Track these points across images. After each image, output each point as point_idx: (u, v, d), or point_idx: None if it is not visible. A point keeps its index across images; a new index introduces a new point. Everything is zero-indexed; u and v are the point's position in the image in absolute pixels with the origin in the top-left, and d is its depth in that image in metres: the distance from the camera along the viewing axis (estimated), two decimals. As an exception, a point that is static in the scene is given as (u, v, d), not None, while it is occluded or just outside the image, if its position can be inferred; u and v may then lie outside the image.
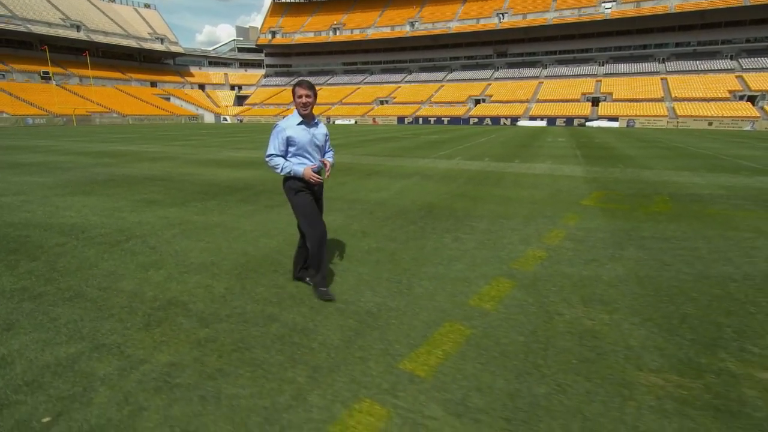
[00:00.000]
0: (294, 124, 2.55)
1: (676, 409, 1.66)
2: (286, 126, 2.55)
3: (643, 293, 2.72)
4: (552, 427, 1.56)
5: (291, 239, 3.85)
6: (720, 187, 6.71)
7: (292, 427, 1.56)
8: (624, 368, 1.92)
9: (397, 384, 1.81)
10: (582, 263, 3.24)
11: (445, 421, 1.59)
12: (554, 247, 3.65)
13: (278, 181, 7.24)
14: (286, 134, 2.52)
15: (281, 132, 2.53)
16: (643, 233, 4.07)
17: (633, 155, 12.11)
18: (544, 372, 1.89)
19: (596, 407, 1.67)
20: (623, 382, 1.82)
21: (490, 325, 2.31)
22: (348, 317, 2.40)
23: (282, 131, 2.53)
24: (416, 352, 2.05)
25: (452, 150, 13.58)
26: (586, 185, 6.92)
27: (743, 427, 1.57)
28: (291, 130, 2.54)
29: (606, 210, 5.09)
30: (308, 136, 2.57)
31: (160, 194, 5.94)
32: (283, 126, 2.55)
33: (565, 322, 2.34)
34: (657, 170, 8.85)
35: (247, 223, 4.44)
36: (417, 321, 2.35)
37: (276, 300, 2.62)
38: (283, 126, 2.55)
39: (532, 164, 9.79)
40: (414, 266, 3.15)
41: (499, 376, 1.86)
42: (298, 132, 2.54)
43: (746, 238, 3.93)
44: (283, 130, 2.53)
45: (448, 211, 4.98)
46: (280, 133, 2.53)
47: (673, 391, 1.77)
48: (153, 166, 9.37)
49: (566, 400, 1.71)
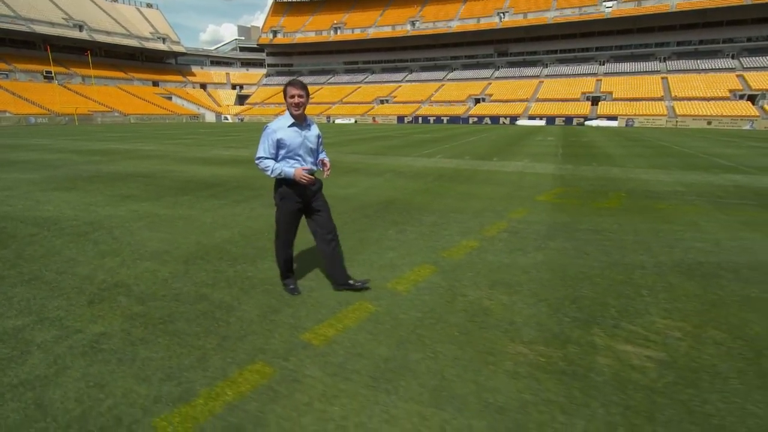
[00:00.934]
0: (285, 126, 2.43)
1: (528, 372, 1.90)
2: (276, 128, 2.43)
3: (549, 278, 2.95)
4: (410, 385, 1.80)
5: (246, 231, 4.12)
6: (681, 185, 6.90)
7: (188, 382, 1.82)
8: (498, 340, 2.16)
9: (291, 350, 2.06)
10: (506, 252, 3.47)
11: (319, 379, 1.84)
12: (489, 238, 3.88)
13: (254, 178, 7.64)
14: (277, 136, 2.41)
15: (271, 134, 2.41)
16: (580, 226, 4.29)
17: (612, 154, 12.29)
18: (425, 342, 2.14)
19: (456, 370, 1.91)
20: (491, 351, 2.06)
21: (395, 303, 2.55)
22: (272, 297, 2.65)
23: (272, 133, 2.41)
24: (320, 325, 2.30)
25: (437, 149, 13.81)
26: (551, 182, 7.14)
27: (580, 387, 1.80)
28: (282, 132, 2.42)
29: (556, 205, 5.31)
30: (300, 139, 2.45)
31: (137, 190, 6.23)
32: (274, 128, 2.43)
33: (465, 302, 2.58)
34: (628, 168, 9.04)
35: (210, 216, 4.70)
36: (332, 300, 2.60)
37: (212, 282, 2.88)
38: (273, 128, 2.43)
39: (508, 162, 10.00)
40: (350, 254, 3.40)
41: (383, 344, 2.11)
42: (289, 134, 2.43)
43: (677, 231, 4.15)
44: (274, 132, 2.41)
45: (405, 206, 5.22)
46: (270, 135, 2.42)
47: (533, 359, 2.00)
48: (140, 163, 9.67)
49: (433, 364, 1.95)
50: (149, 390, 1.77)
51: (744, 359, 2.01)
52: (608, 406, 1.68)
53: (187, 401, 1.70)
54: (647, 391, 1.76)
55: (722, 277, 3.00)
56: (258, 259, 3.30)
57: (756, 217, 4.76)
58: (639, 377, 1.86)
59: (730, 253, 3.51)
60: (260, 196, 5.84)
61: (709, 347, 2.11)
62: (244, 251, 3.50)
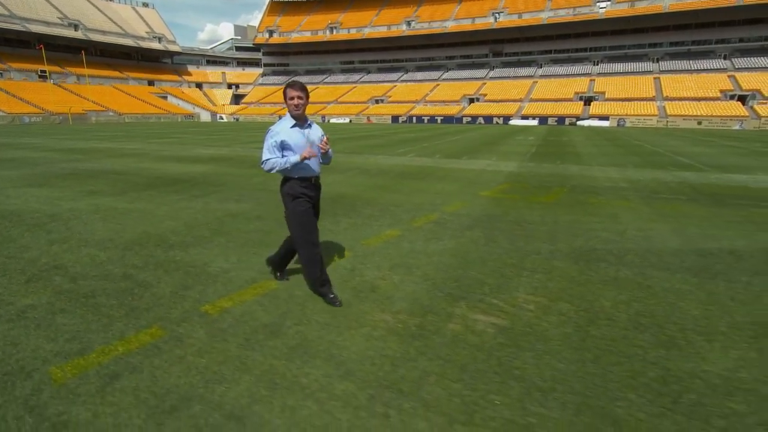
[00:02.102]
0: (288, 128, 2.48)
1: (381, 335, 2.22)
2: (279, 130, 2.47)
3: (448, 262, 3.28)
4: (275, 344, 2.13)
5: (192, 222, 4.45)
6: (627, 181, 7.24)
7: (89, 341, 2.14)
8: (370, 311, 2.49)
9: (187, 318, 2.38)
10: (422, 240, 3.80)
11: (199, 339, 2.16)
12: (414, 228, 4.21)
13: (222, 175, 7.95)
14: (280, 138, 2.45)
15: (275, 136, 2.46)
16: (506, 218, 4.62)
17: (582, 152, 12.64)
18: (306, 312, 2.46)
19: (320, 333, 2.24)
20: (359, 319, 2.39)
21: (296, 283, 2.88)
22: (189, 277, 2.98)
23: (275, 135, 2.46)
24: (221, 299, 2.62)
25: (415, 147, 14.15)
26: (504, 178, 7.47)
27: (418, 346, 2.12)
28: (285, 133, 2.46)
29: (495, 199, 5.64)
30: (303, 139, 2.50)
31: (105, 186, 6.55)
32: (277, 130, 2.47)
33: (359, 281, 2.91)
34: (587, 166, 9.39)
35: (165, 209, 5.02)
36: (241, 280, 2.93)
37: (141, 265, 3.19)
38: (276, 130, 2.48)
39: (475, 160, 10.34)
40: (277, 241, 3.72)
41: (269, 314, 2.44)
42: (291, 135, 2.47)
43: (593, 222, 4.48)
44: (277, 134, 2.46)
45: (352, 201, 5.55)
46: (273, 137, 2.46)
47: (392, 325, 2.33)
48: (117, 161, 9.98)
49: (303, 329, 2.28)
50: (54, 347, 2.09)
51: (576, 326, 2.33)
52: (433, 359, 2.00)
53: (82, 355, 2.02)
54: (472, 349, 2.09)
55: (605, 261, 3.33)
56: (191, 246, 3.62)
57: (677, 210, 5.10)
58: (474, 339, 2.19)
59: (629, 242, 3.84)
60: (219, 191, 6.17)
61: (551, 317, 2.43)
62: (182, 239, 3.82)
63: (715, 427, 1.58)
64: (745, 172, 8.65)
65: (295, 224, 2.53)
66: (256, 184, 6.82)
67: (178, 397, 1.72)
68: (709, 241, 3.87)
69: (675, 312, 2.50)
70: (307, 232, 2.53)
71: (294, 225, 2.54)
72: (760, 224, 4.52)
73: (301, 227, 2.52)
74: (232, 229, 4.16)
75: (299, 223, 2.52)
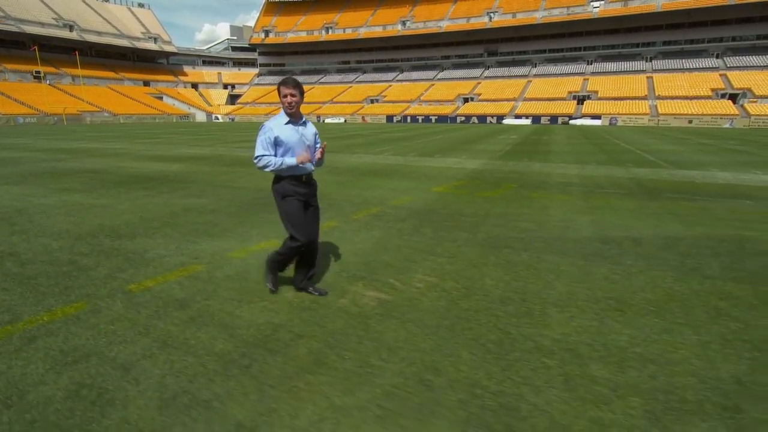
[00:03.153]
0: (281, 124, 2.48)
1: (276, 307, 2.55)
2: (273, 126, 2.48)
3: (365, 249, 3.61)
4: (179, 315, 2.46)
5: (148, 215, 4.78)
6: (580, 177, 7.59)
7: (20, 313, 2.47)
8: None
9: (112, 295, 2.71)
10: (353, 231, 4.14)
11: (116, 311, 2.50)
12: (352, 220, 4.55)
13: (195, 173, 8.29)
14: (274, 134, 2.45)
15: (268, 132, 2.46)
16: (442, 211, 4.96)
17: (554, 150, 13.01)
18: (218, 291, 2.79)
19: (222, 306, 2.57)
20: (263, 296, 2.72)
21: (219, 266, 3.21)
22: (126, 261, 3.31)
23: (269, 131, 2.46)
24: (147, 279, 2.95)
25: (394, 146, 14.49)
26: (462, 175, 7.82)
27: (303, 316, 2.45)
28: (278, 129, 2.47)
29: (442, 194, 5.99)
30: (297, 136, 2.50)
31: (78, 184, 6.88)
32: (270, 126, 2.48)
33: (278, 265, 3.23)
34: (549, 163, 9.75)
35: (127, 204, 5.35)
36: (171, 264, 3.25)
37: (87, 252, 3.52)
38: (270, 126, 2.48)
39: (445, 158, 10.70)
40: (222, 232, 4.05)
41: (183, 291, 2.77)
42: (285, 132, 2.47)
43: (521, 214, 4.82)
44: (270, 130, 2.46)
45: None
46: (267, 133, 2.46)
47: (290, 300, 2.66)
48: (98, 160, 10.32)
49: (211, 302, 2.61)
50: (-12, 318, 2.42)
51: (449, 300, 2.66)
52: (310, 326, 2.33)
53: (11, 323, 2.35)
54: (348, 318, 2.42)
55: (510, 247, 3.66)
56: (138, 236, 3.95)
57: (608, 203, 5.43)
58: (354, 310, 2.52)
59: (544, 231, 4.17)
60: (186, 188, 6.50)
61: (433, 293, 2.76)
62: (133, 231, 4.15)
63: (521, 377, 1.91)
64: (700, 168, 9.00)
65: (287, 224, 2.56)
66: (223, 181, 7.15)
67: (81, 354, 2.05)
68: (619, 230, 4.20)
69: (545, 289, 2.83)
70: (295, 230, 2.53)
71: (286, 224, 2.57)
72: (679, 215, 4.85)
73: (292, 226, 2.54)
74: (183, 221, 4.49)
75: (287, 221, 2.55)
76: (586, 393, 1.77)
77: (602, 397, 1.75)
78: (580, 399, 1.74)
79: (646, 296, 2.70)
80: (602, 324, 2.39)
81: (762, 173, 8.25)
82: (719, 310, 2.53)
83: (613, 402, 1.72)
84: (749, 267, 3.21)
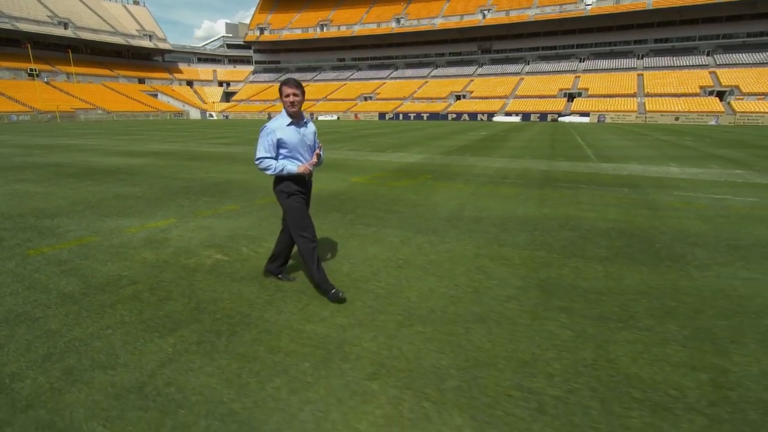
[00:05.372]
0: (284, 125, 2.49)
1: (130, 266, 3.24)
2: (275, 127, 2.48)
3: (240, 226, 4.29)
4: (51, 269, 3.14)
5: (79, 201, 5.48)
6: (497, 170, 8.31)
7: (-70, 268, 3.16)
8: (144, 253, 3.50)
9: (11, 257, 3.41)
10: (246, 213, 4.83)
11: (7, 267, 3.18)
12: (252, 204, 5.25)
13: (150, 166, 8.99)
14: (277, 136, 2.47)
15: (271, 134, 2.47)
16: (342, 197, 5.68)
17: (508, 146, 13.69)
18: (97, 256, 3.47)
19: (89, 264, 3.26)
20: (130, 258, 3.41)
21: (111, 237, 3.92)
22: (37, 235, 4.01)
23: (272, 133, 2.47)
24: (46, 246, 3.65)
25: (359, 143, 15.22)
26: (395, 168, 8.51)
27: (148, 271, 3.13)
28: (281, 131, 2.48)
29: (357, 183, 6.71)
30: (298, 137, 2.52)
31: (36, 176, 7.59)
32: (273, 128, 2.48)
33: (160, 236, 3.94)
34: (486, 158, 10.43)
35: (67, 192, 6.06)
36: (73, 236, 3.95)
37: (10, 228, 4.24)
38: (272, 127, 2.48)
39: (394, 153, 11.42)
40: (136, 213, 4.74)
41: (69, 254, 3.46)
42: (288, 133, 2.49)
43: (408, 198, 5.51)
44: (273, 131, 2.47)
45: (230, 185, 6.62)
46: (269, 134, 2.47)
47: (149, 261, 3.34)
48: (68, 155, 11.05)
49: (82, 262, 3.30)
50: None
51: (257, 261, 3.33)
52: (147, 276, 3.02)
53: None
54: (181, 271, 3.11)
55: (365, 224, 4.34)
56: (60, 216, 4.66)
57: (493, 191, 6.09)
58: (192, 265, 3.21)
59: (410, 212, 4.83)
60: (131, 179, 7.20)
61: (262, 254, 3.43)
62: (58, 212, 4.86)
63: (277, 300, 2.58)
64: (623, 161, 9.67)
65: (291, 220, 2.62)
66: (169, 173, 7.84)
67: (-38, 292, 2.74)
68: (473, 212, 4.88)
69: (358, 252, 3.50)
70: (303, 228, 2.60)
71: (291, 221, 2.62)
72: (544, 200, 5.51)
73: (296, 225, 2.60)
74: (105, 205, 5.19)
75: (295, 219, 2.60)
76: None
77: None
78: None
79: (429, 258, 3.39)
80: (378, 274, 3.06)
81: (674, 166, 8.91)
82: (482, 268, 3.20)
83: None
84: (549, 240, 3.88)
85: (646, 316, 2.42)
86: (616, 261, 3.30)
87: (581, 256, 3.40)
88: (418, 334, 2.23)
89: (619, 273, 3.05)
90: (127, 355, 2.03)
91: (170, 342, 2.15)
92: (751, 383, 1.83)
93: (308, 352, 2.05)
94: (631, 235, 4.01)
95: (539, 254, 3.45)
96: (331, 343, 2.13)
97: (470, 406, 1.68)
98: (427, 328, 2.29)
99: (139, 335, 2.22)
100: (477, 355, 2.04)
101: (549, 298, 2.63)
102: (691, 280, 2.94)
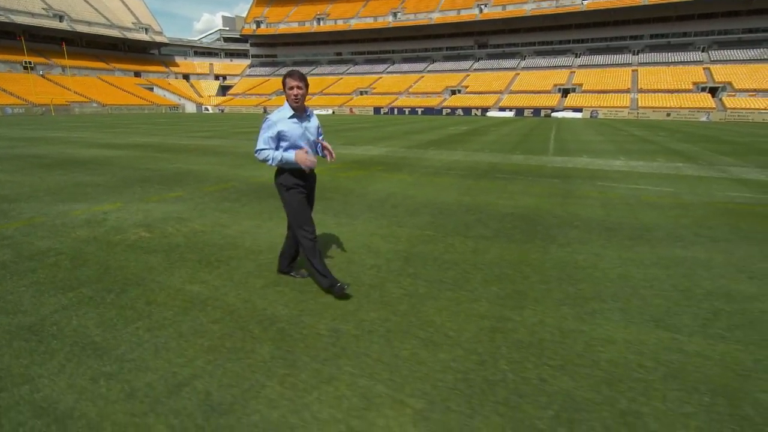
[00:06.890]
0: (286, 118, 2.48)
1: (71, 244, 3.69)
2: (277, 119, 2.47)
3: (179, 209, 4.73)
4: (35, 266, 3.59)
5: (42, 187, 5.91)
6: (452, 162, 8.75)
7: None
8: (83, 232, 3.94)
9: None
10: (189, 198, 5.27)
11: None
12: (198, 191, 5.69)
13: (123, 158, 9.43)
14: (278, 128, 2.46)
15: (272, 126, 2.46)
16: (282, 186, 6.05)
17: (478, 140, 14.09)
18: (38, 229, 3.93)
19: (33, 241, 3.69)
20: (66, 235, 3.85)
21: (58, 218, 4.36)
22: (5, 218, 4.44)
23: (273, 125, 2.46)
24: (6, 225, 4.09)
25: (337, 137, 15.63)
26: (350, 160, 8.94)
27: (89, 248, 3.57)
28: (282, 123, 2.47)
29: (304, 175, 7.06)
30: (300, 130, 2.51)
31: (11, 166, 8.04)
32: (274, 120, 2.47)
33: (101, 217, 4.39)
34: (447, 151, 10.85)
35: (34, 180, 6.52)
36: (24, 216, 4.40)
37: (-33, 210, 4.67)
38: (274, 120, 2.47)
39: (365, 146, 11.88)
40: (82, 198, 5.20)
41: (17, 233, 3.89)
42: (289, 126, 2.48)
43: (348, 185, 5.96)
44: (274, 124, 2.46)
45: (188, 174, 7.06)
46: (271, 127, 2.46)
47: (92, 236, 3.78)
48: (49, 147, 11.48)
49: (25, 238, 3.74)
50: None
51: (192, 238, 3.78)
52: (74, 250, 3.46)
53: None
54: (104, 246, 3.56)
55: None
56: (19, 201, 5.12)
57: (432, 180, 6.53)
58: (116, 241, 3.65)
59: (339, 198, 5.26)
60: (97, 170, 7.64)
61: (187, 234, 3.87)
62: (18, 198, 5.31)
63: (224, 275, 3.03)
64: (579, 155, 10.10)
65: (290, 214, 2.62)
66: (135, 165, 8.28)
67: None
68: (397, 199, 5.32)
69: (269, 233, 3.93)
70: (301, 222, 2.58)
71: (290, 215, 2.63)
72: (472, 189, 5.93)
73: (295, 219, 2.60)
74: (64, 192, 5.64)
75: (293, 213, 2.60)
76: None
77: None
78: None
79: (328, 235, 3.82)
80: (272, 247, 3.49)
81: (621, 160, 9.34)
82: (368, 244, 3.64)
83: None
84: (445, 222, 4.31)
85: (478, 281, 2.87)
86: (494, 239, 3.74)
87: (464, 235, 3.84)
88: (277, 293, 2.68)
89: (486, 248, 3.50)
90: (29, 306, 2.49)
91: (69, 296, 2.60)
92: (523, 329, 2.28)
93: (177, 305, 2.51)
94: (524, 219, 4.44)
95: (427, 233, 3.90)
96: (199, 299, 2.59)
97: (283, 341, 2.13)
98: (287, 288, 2.75)
99: (46, 291, 2.68)
100: (311, 306, 2.50)
101: (405, 267, 3.08)
102: (544, 254, 3.38)
